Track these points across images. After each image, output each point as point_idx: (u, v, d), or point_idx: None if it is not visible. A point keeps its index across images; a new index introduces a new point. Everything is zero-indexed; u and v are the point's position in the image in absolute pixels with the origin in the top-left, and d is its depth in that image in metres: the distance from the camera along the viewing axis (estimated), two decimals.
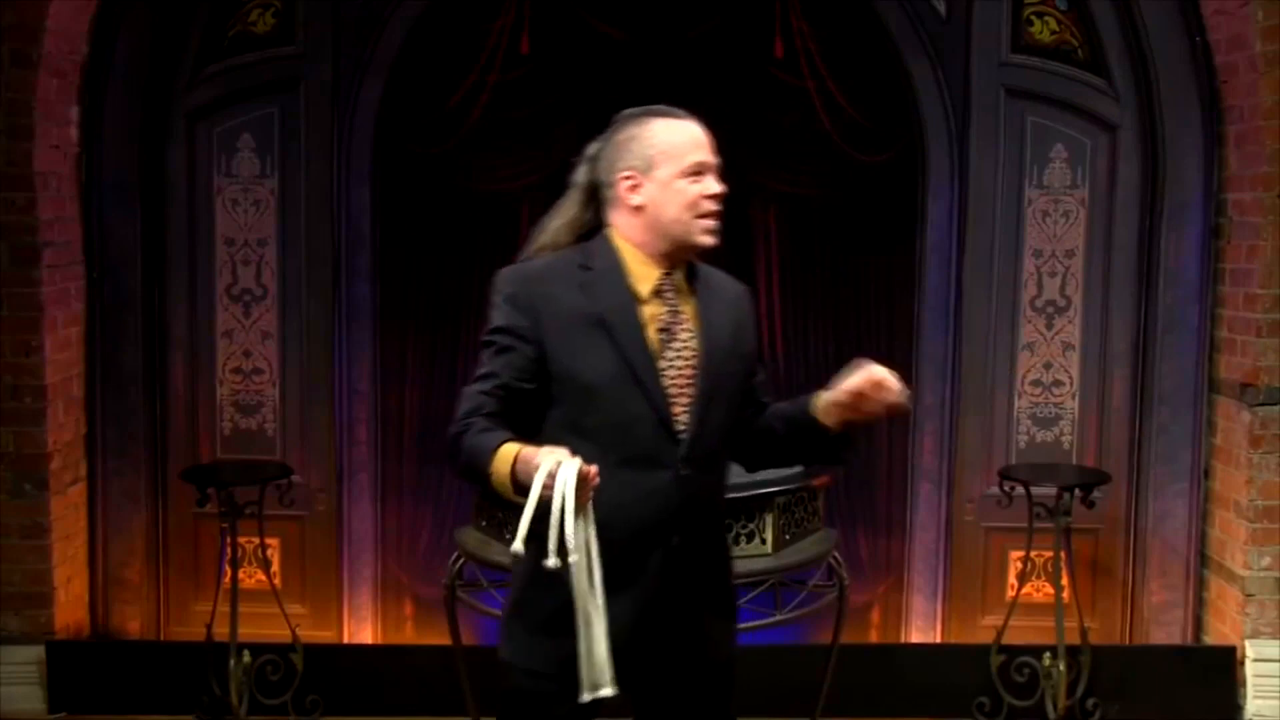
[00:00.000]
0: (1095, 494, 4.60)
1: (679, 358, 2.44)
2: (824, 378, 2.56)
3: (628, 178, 2.45)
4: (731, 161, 5.64)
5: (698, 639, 2.51)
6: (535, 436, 2.36)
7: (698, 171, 2.45)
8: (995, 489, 4.75)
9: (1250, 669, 4.59)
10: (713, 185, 2.46)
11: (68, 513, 4.76)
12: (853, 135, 5.00)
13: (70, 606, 4.77)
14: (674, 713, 2.56)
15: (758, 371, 2.63)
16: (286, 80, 4.91)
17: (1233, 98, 4.64)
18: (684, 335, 2.45)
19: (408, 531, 5.27)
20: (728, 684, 2.61)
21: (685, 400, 2.43)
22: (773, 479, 3.86)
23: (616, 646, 2.26)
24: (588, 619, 2.24)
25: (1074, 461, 4.95)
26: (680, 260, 2.49)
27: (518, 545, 2.21)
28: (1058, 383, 4.98)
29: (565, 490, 2.16)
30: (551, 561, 2.18)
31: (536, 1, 4.90)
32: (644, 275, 2.46)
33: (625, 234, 2.47)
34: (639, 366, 2.40)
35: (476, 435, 2.35)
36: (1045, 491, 4.56)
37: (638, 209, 2.45)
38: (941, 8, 4.87)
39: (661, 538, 2.41)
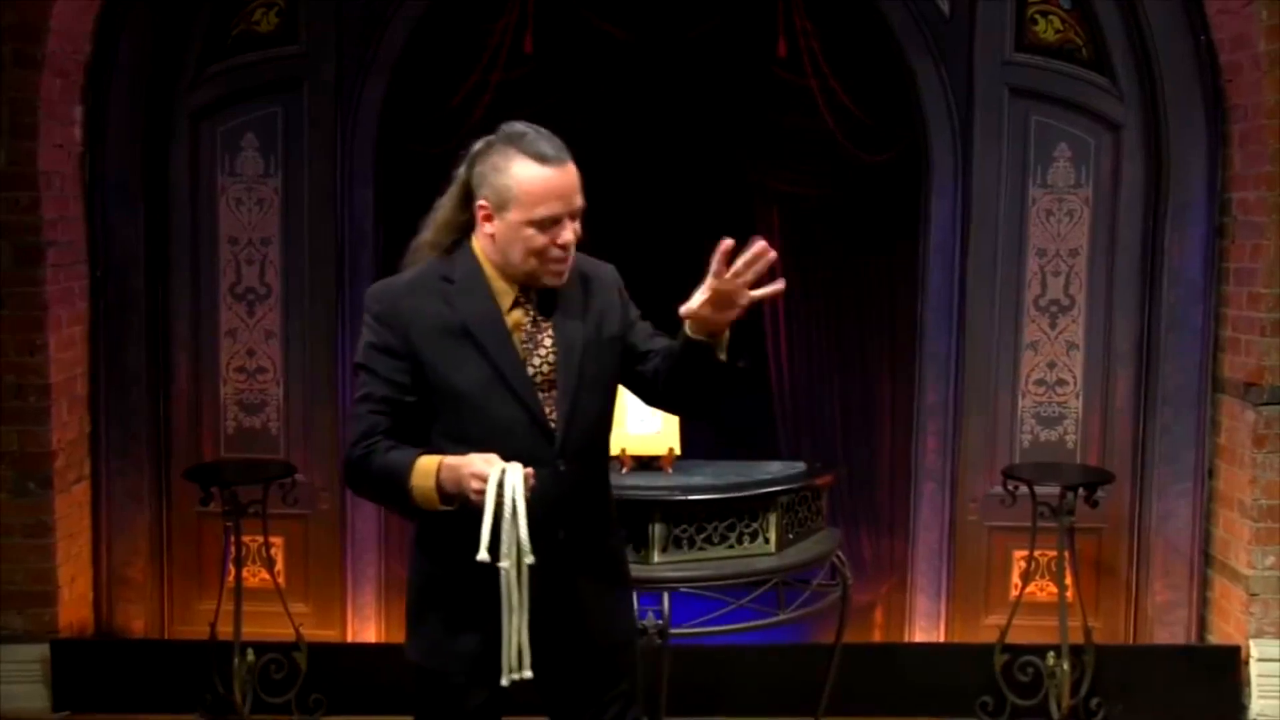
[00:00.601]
0: (1099, 493, 4.60)
1: (545, 361, 2.51)
2: (825, 377, 2.56)
3: (483, 207, 2.51)
4: (733, 161, 5.66)
5: (591, 624, 2.59)
6: (423, 450, 2.45)
7: (553, 222, 2.47)
8: (999, 488, 4.75)
9: (1254, 669, 4.58)
10: (564, 234, 2.48)
11: (72, 511, 4.76)
12: (856, 134, 5.00)
13: (74, 605, 4.78)
14: (572, 697, 2.64)
15: (633, 332, 2.63)
16: (289, 80, 4.91)
17: (1237, 97, 4.64)
18: (548, 341, 2.53)
19: (411, 530, 5.26)
20: (624, 664, 2.69)
21: (554, 398, 2.51)
22: (775, 478, 3.87)
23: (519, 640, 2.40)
24: (512, 610, 2.36)
25: (1077, 461, 4.94)
26: (542, 285, 2.54)
27: (483, 554, 2.31)
28: (1061, 382, 4.97)
29: (515, 495, 2.30)
30: (504, 564, 2.32)
31: (539, 1, 4.90)
32: (503, 290, 2.53)
33: (484, 250, 2.54)
34: (508, 371, 2.48)
35: (384, 455, 2.45)
36: (1049, 491, 4.55)
37: (491, 236, 2.51)
38: (945, 6, 4.86)
39: (547, 533, 2.44)
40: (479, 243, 2.54)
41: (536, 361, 2.51)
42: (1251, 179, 4.59)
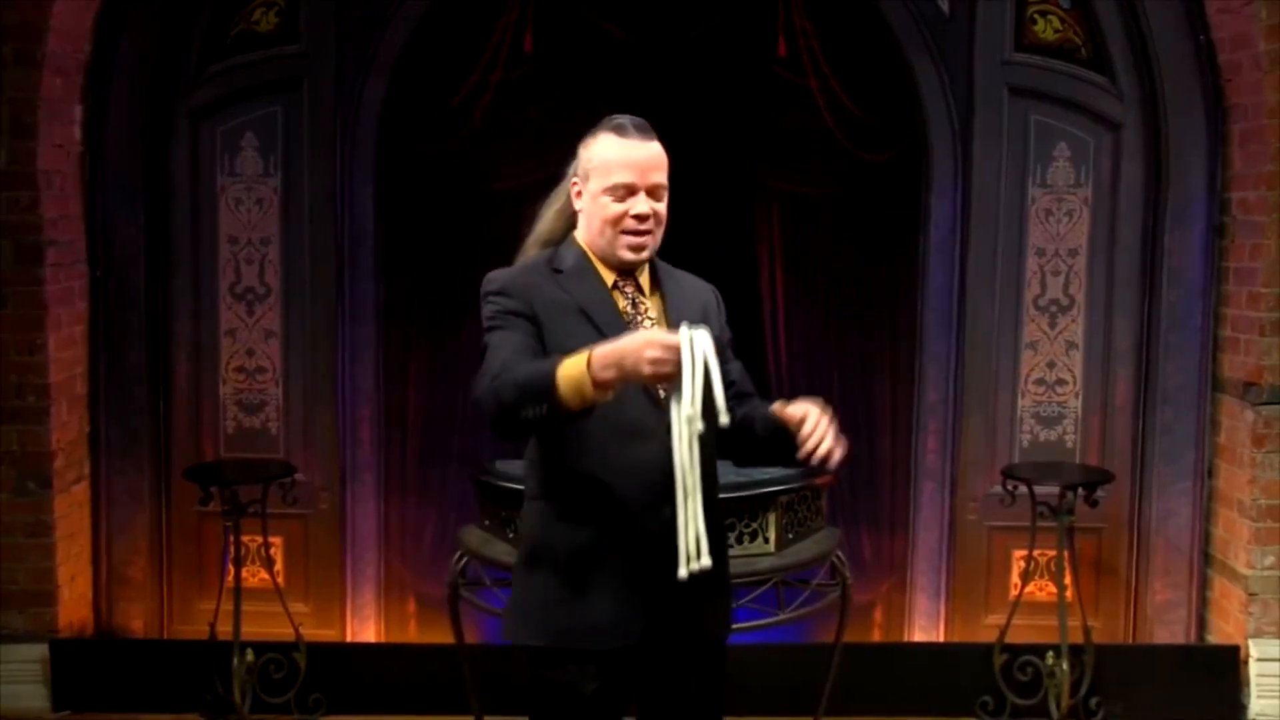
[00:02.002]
0: (1098, 493, 4.60)
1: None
2: (825, 376, 2.58)
3: (574, 184, 2.64)
4: (734, 160, 5.66)
5: (693, 613, 2.57)
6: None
7: (625, 191, 2.55)
8: (998, 488, 4.75)
9: (1253, 668, 4.59)
10: (638, 205, 2.55)
11: (71, 511, 4.76)
12: (856, 134, 5.00)
13: (74, 605, 4.78)
14: (670, 691, 2.64)
15: (729, 360, 2.69)
16: (289, 79, 4.91)
17: (1237, 96, 4.64)
18: (646, 323, 2.58)
19: (411, 530, 5.27)
20: (719, 664, 2.69)
21: None
22: (775, 478, 3.87)
23: (615, 613, 2.48)
24: (687, 494, 2.36)
25: (1077, 460, 4.94)
26: (628, 266, 2.60)
27: (688, 410, 2.30)
28: (1061, 381, 4.97)
29: (707, 355, 2.29)
30: (694, 424, 2.30)
31: (539, 0, 4.90)
32: (606, 275, 2.62)
33: (585, 239, 2.64)
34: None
35: (528, 365, 2.43)
36: (1048, 490, 4.55)
37: (583, 214, 2.63)
38: (945, 6, 4.87)
39: (654, 507, 2.47)
40: (581, 233, 2.64)
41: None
42: (1251, 178, 4.60)
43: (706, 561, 2.36)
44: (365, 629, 5.08)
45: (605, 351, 2.32)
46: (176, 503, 5.00)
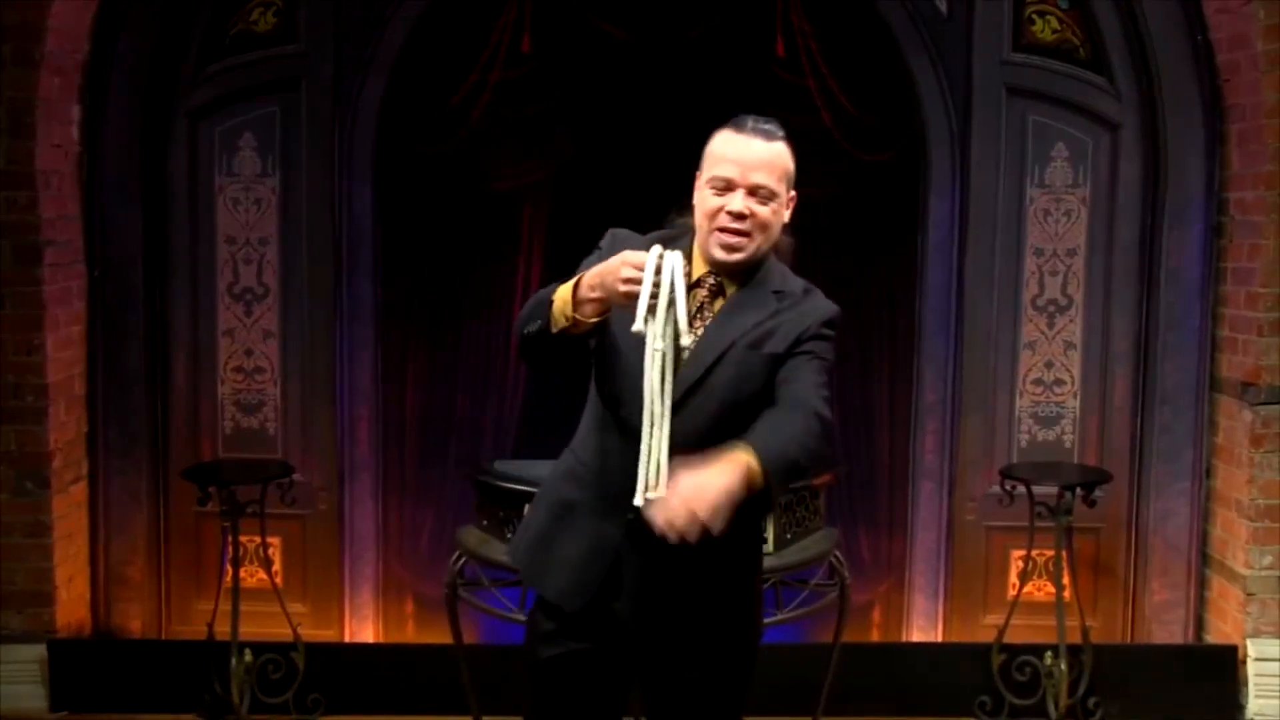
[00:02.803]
0: (1096, 493, 4.60)
1: (692, 344, 2.48)
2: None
3: (698, 173, 2.58)
4: None
5: (677, 606, 2.54)
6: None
7: (724, 185, 2.50)
8: (997, 488, 4.75)
9: (1251, 668, 4.59)
10: (734, 201, 2.49)
11: (69, 511, 4.76)
12: (854, 134, 5.00)
13: (72, 605, 4.78)
14: (667, 687, 2.63)
15: (790, 363, 2.51)
16: (288, 79, 4.91)
17: (1235, 96, 4.64)
18: (700, 329, 2.52)
19: (409, 530, 5.27)
20: (725, 665, 2.64)
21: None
22: None
23: (571, 579, 2.53)
24: (654, 422, 2.36)
25: (1075, 460, 4.94)
26: (721, 267, 2.53)
27: (639, 325, 2.32)
28: (1059, 382, 4.97)
29: (675, 277, 2.31)
30: (657, 344, 2.32)
31: (538, 0, 4.90)
32: (697, 267, 2.55)
33: (698, 227, 2.57)
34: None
35: (544, 289, 2.50)
36: (1046, 490, 4.55)
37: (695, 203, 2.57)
38: (943, 6, 4.87)
39: (623, 506, 2.45)
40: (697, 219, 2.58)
41: (689, 340, 2.45)
42: (1249, 178, 4.60)
43: (664, 491, 2.31)
44: (363, 629, 5.08)
45: (593, 271, 2.36)
46: (175, 503, 5.00)
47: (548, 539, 2.61)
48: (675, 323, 2.31)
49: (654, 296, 2.31)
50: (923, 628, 5.06)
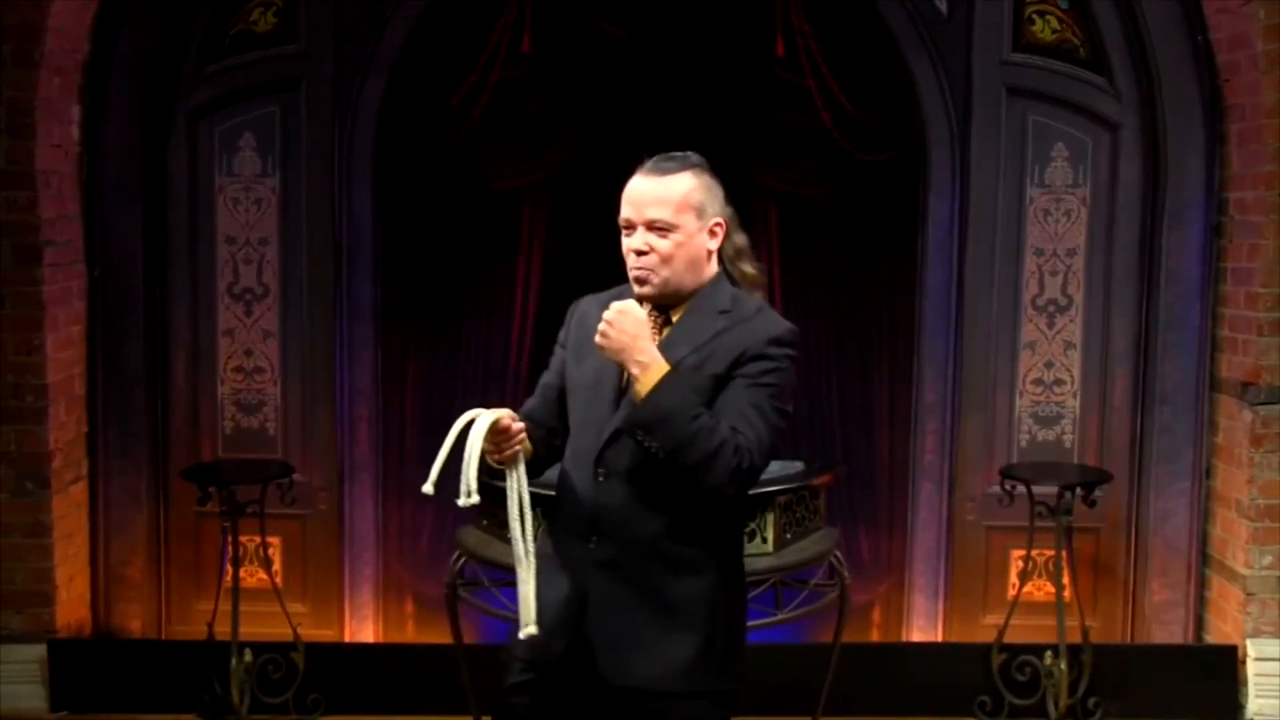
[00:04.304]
0: (1096, 493, 4.60)
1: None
2: (823, 377, 2.58)
3: None
4: (732, 160, 5.67)
5: (630, 658, 2.52)
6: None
7: (626, 225, 2.59)
8: (996, 488, 4.75)
9: (1251, 668, 4.59)
10: (634, 240, 2.57)
11: (69, 511, 4.76)
12: (854, 134, 5.00)
13: (72, 605, 4.78)
14: None
15: (730, 386, 2.53)
16: (288, 79, 4.91)
17: (1234, 96, 4.64)
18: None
19: (409, 530, 5.27)
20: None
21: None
22: (773, 478, 3.87)
23: (557, 621, 2.55)
24: (520, 562, 2.52)
25: (1075, 460, 4.94)
26: (654, 300, 2.59)
27: (428, 487, 2.53)
28: (1059, 381, 4.97)
29: (473, 439, 2.47)
30: (462, 500, 2.48)
31: (538, 0, 4.90)
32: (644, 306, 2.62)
33: None
34: (604, 377, 2.59)
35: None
36: (1046, 490, 4.55)
37: None
38: (943, 6, 4.87)
39: (583, 535, 2.55)
40: None
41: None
42: (1249, 178, 4.60)
43: (532, 630, 2.50)
44: (363, 629, 5.08)
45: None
46: (175, 503, 5.00)
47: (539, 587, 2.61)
48: (468, 481, 2.48)
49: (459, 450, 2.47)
50: (923, 628, 5.06)
